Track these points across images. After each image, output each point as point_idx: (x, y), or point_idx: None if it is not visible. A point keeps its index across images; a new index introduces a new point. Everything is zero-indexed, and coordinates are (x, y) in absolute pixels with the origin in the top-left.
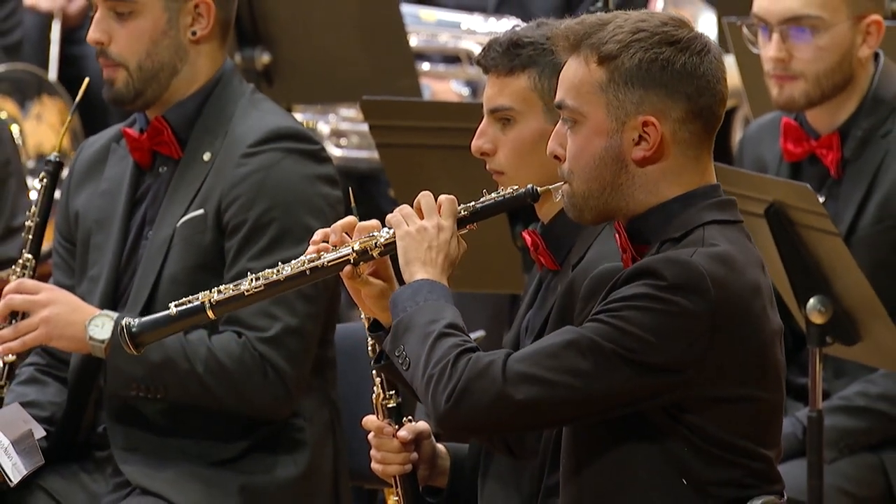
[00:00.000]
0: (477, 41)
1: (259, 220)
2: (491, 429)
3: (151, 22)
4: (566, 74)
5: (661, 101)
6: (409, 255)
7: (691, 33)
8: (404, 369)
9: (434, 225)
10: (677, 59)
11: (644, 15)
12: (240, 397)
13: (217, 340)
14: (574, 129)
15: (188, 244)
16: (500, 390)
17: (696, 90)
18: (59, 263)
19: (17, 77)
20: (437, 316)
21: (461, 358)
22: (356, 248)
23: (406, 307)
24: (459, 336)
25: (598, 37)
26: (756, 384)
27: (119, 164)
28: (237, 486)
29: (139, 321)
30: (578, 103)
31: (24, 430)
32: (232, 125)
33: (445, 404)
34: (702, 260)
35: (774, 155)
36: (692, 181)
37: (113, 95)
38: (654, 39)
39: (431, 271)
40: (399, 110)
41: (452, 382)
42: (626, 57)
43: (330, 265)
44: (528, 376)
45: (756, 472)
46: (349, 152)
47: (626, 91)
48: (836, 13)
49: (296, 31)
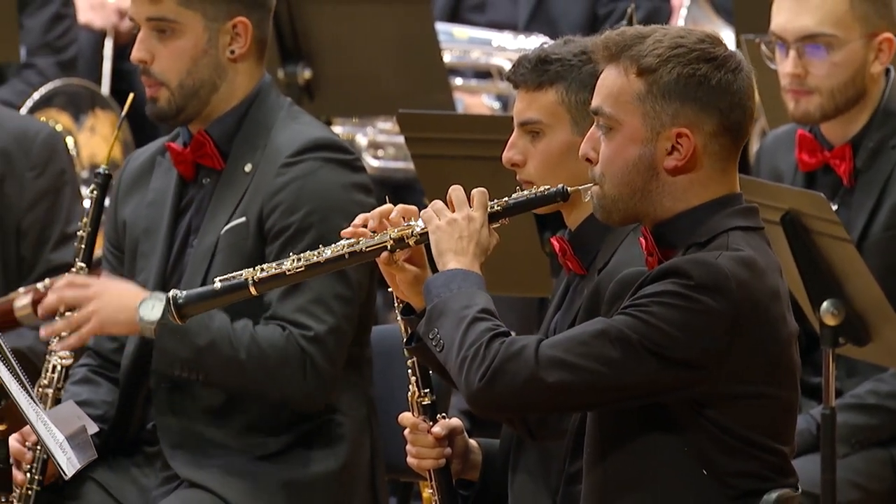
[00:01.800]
0: (507, 57)
1: (299, 226)
2: (521, 408)
3: (192, 41)
4: (604, 82)
5: (695, 114)
6: (442, 246)
7: (727, 52)
8: (438, 351)
9: (464, 216)
10: (713, 76)
11: (682, 31)
12: (278, 387)
13: (261, 330)
14: (609, 135)
15: (232, 251)
16: (533, 372)
17: (728, 106)
18: (108, 270)
19: (72, 91)
20: (471, 301)
21: (494, 340)
22: (393, 236)
23: (440, 293)
24: (492, 320)
25: (637, 49)
26: (773, 383)
27: (164, 175)
28: (281, 482)
29: (185, 293)
30: (615, 111)
31: (78, 427)
32: (271, 137)
33: (479, 383)
34: (727, 262)
35: (790, 165)
36: (718, 190)
37: (155, 112)
38: (692, 55)
39: (463, 260)
40: (433, 123)
41: (486, 363)
42: (664, 71)
43: (368, 250)
44: (560, 361)
45: (772, 466)
46: (386, 163)
47: (663, 103)
48: (849, 31)
49: (336, 48)
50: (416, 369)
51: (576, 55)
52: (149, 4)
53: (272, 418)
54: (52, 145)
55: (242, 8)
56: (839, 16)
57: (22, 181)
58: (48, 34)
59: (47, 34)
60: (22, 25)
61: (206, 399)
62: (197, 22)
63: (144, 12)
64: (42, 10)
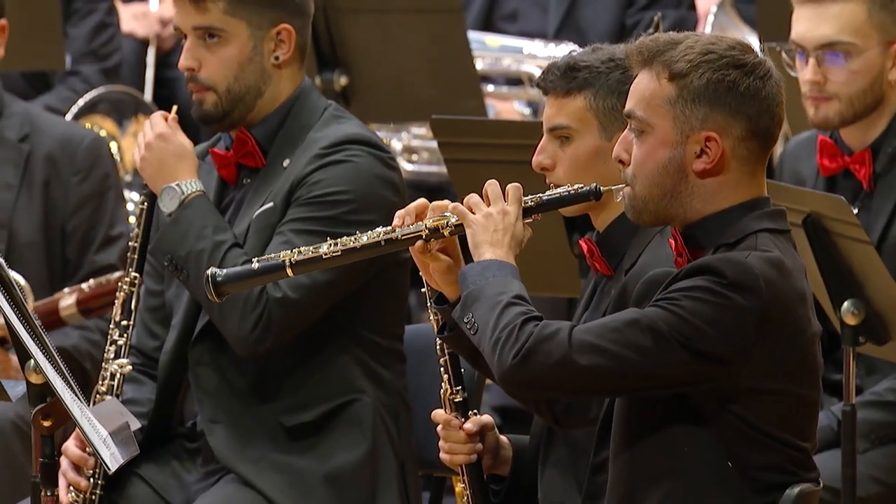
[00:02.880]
0: (537, 65)
1: (323, 194)
2: (552, 388)
3: (238, 49)
4: (637, 87)
5: (724, 119)
6: (477, 238)
7: (756, 59)
8: (472, 334)
9: (499, 210)
10: (742, 82)
11: (713, 38)
12: (227, 316)
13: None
14: (641, 137)
15: (262, 232)
16: (566, 354)
17: (757, 112)
18: (149, 271)
19: (116, 98)
20: (505, 288)
21: (528, 323)
22: (429, 226)
23: (476, 281)
24: (526, 305)
25: (670, 55)
26: (796, 381)
27: (206, 177)
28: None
29: (225, 272)
30: (647, 115)
31: (121, 423)
32: (310, 134)
33: (512, 360)
34: (756, 262)
35: (811, 170)
36: (746, 193)
37: (202, 115)
38: (722, 62)
39: (499, 252)
40: (466, 128)
41: (520, 343)
42: (695, 76)
43: (403, 238)
44: (593, 345)
45: (795, 461)
46: (420, 167)
47: (693, 107)
48: (867, 39)
49: (372, 55)
50: (449, 367)
51: (604, 62)
52: (195, 14)
53: (303, 394)
54: (96, 151)
55: (286, 15)
56: (857, 25)
57: (67, 185)
58: (92, 42)
59: (92, 42)
60: (67, 34)
61: (242, 378)
62: (242, 30)
63: (191, 21)
64: (86, 20)
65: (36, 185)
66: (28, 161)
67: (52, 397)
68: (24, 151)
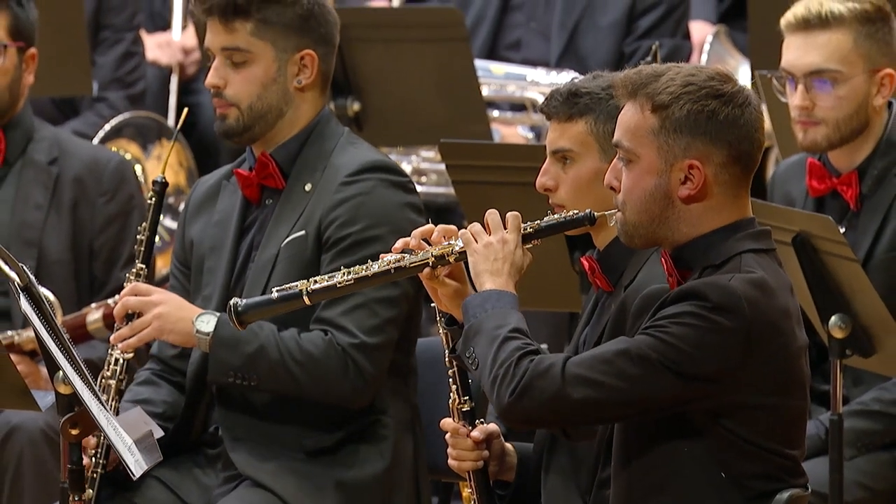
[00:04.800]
0: (540, 91)
1: (356, 238)
2: (548, 422)
3: (263, 70)
4: (623, 118)
5: (705, 147)
6: (478, 268)
7: (735, 87)
8: (473, 369)
9: (499, 239)
10: (721, 111)
11: (693, 69)
12: (322, 387)
13: (306, 336)
14: (629, 166)
15: (292, 261)
16: (560, 389)
17: (737, 138)
18: (175, 285)
19: (140, 123)
20: (503, 321)
21: (524, 359)
22: (435, 254)
23: (476, 314)
24: (522, 339)
25: (652, 87)
26: (784, 394)
27: (230, 198)
28: (334, 481)
29: (245, 301)
30: (633, 145)
31: (145, 431)
32: (331, 160)
33: (509, 398)
34: (739, 284)
35: (801, 191)
36: (731, 216)
37: (224, 129)
38: (701, 93)
39: (498, 280)
40: (472, 152)
41: (516, 380)
42: (676, 107)
43: (411, 266)
44: (585, 379)
45: (785, 468)
46: (428, 188)
47: (675, 137)
48: (853, 67)
49: (383, 82)
50: (457, 378)
51: (604, 89)
52: (224, 35)
53: (326, 416)
54: (121, 172)
55: (311, 42)
56: (844, 53)
57: (94, 206)
58: (119, 70)
59: (118, 70)
60: (94, 62)
61: (266, 398)
62: (268, 52)
63: (220, 42)
64: (113, 49)
65: (64, 205)
66: (57, 182)
67: (79, 407)
68: (53, 173)
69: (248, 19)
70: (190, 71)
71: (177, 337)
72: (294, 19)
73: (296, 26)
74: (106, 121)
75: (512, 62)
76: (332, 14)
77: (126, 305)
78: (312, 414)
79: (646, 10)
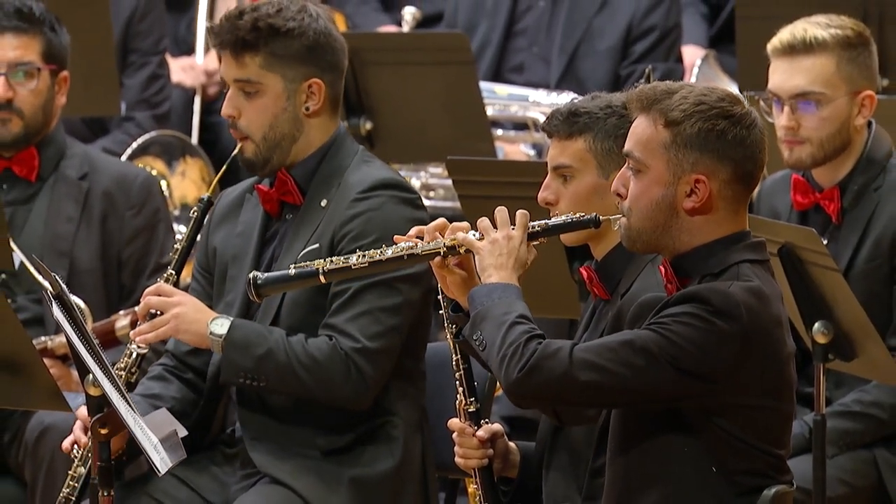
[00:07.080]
0: (541, 111)
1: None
2: (553, 401)
3: (273, 99)
4: (636, 130)
5: (712, 163)
6: (485, 262)
7: (743, 110)
8: (481, 350)
9: (504, 235)
10: (730, 131)
11: (706, 90)
12: (325, 389)
13: (312, 341)
14: (637, 175)
15: None
16: (567, 370)
17: (742, 157)
18: (197, 289)
19: (166, 141)
20: (510, 308)
21: (532, 341)
22: (446, 244)
23: (483, 302)
24: (529, 324)
25: (666, 103)
26: (773, 396)
27: (252, 210)
28: (347, 479)
29: (265, 275)
30: (644, 156)
31: (170, 430)
32: (345, 177)
33: (517, 374)
34: (738, 291)
35: (786, 205)
36: (730, 228)
37: (245, 162)
38: (712, 112)
39: (503, 274)
40: (478, 168)
41: (525, 358)
42: (688, 124)
43: (424, 254)
44: (591, 363)
45: (772, 466)
46: (436, 203)
47: (685, 152)
48: (836, 89)
49: (393, 103)
50: (463, 380)
51: (602, 109)
52: (236, 68)
53: (340, 418)
54: (148, 187)
55: (317, 70)
56: (827, 76)
57: (122, 219)
58: (145, 91)
59: (144, 91)
60: (123, 84)
61: (282, 400)
62: (277, 83)
63: (232, 74)
64: (140, 71)
65: (94, 218)
66: (87, 197)
67: (108, 408)
68: (84, 188)
69: (258, 53)
70: (212, 92)
71: (191, 337)
72: (301, 50)
73: (302, 57)
74: (133, 139)
75: (515, 84)
76: (338, 41)
77: (148, 304)
78: (327, 415)
79: (640, 36)
